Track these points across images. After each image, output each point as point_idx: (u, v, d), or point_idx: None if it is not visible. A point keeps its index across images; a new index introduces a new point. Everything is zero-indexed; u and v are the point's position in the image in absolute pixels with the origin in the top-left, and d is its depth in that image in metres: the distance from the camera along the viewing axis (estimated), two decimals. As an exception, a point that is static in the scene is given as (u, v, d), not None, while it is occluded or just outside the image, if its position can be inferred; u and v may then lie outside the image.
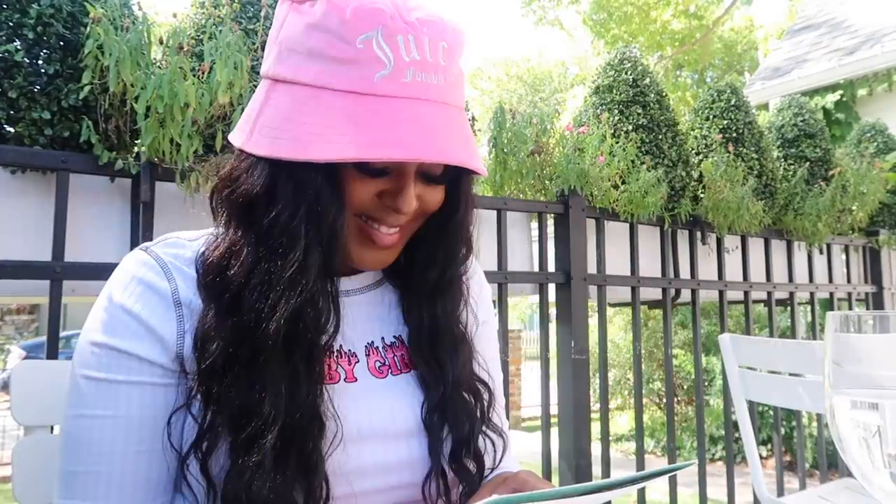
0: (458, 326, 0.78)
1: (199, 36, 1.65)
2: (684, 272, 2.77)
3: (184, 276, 0.68)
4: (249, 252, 0.64)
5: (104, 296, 0.68)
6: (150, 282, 0.67)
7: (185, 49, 1.51)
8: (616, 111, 2.57)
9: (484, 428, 0.77)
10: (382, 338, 0.76)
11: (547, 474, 2.13)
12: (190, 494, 0.65)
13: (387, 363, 0.75)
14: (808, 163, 3.28)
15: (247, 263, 0.64)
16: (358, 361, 0.73)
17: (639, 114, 2.56)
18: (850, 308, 3.57)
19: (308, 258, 0.63)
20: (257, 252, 0.64)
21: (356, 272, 0.78)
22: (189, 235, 0.73)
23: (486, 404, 0.78)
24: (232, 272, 0.64)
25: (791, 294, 3.17)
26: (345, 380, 0.71)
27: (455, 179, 0.72)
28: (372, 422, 0.70)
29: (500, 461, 0.79)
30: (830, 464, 3.49)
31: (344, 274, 0.76)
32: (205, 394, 0.64)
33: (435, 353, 0.75)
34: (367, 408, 0.70)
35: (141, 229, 1.54)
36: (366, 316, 0.77)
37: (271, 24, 0.71)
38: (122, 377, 0.64)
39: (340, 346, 0.72)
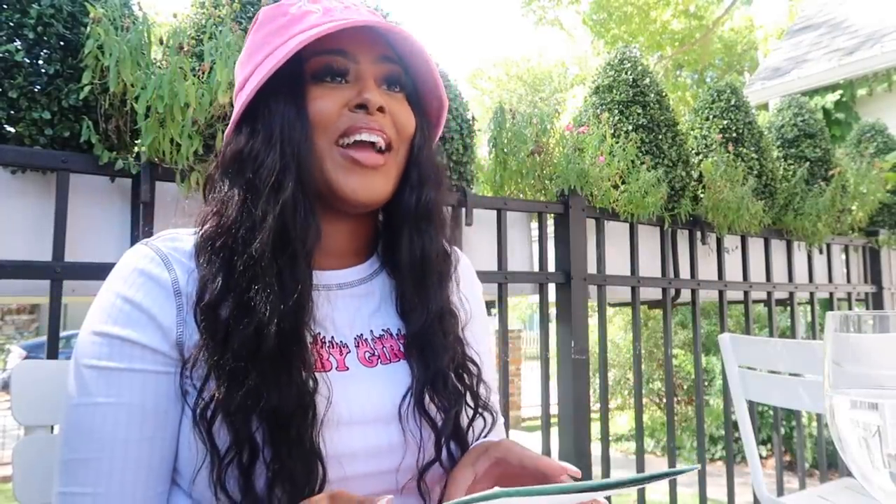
0: (445, 261, 0.82)
1: (199, 36, 1.65)
2: (684, 272, 2.77)
3: (183, 268, 0.70)
4: (239, 197, 0.69)
5: (105, 288, 0.70)
6: (150, 272, 0.69)
7: (185, 49, 1.51)
8: (616, 111, 2.57)
9: (473, 405, 0.78)
10: (371, 330, 0.78)
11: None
12: (207, 449, 0.65)
13: (376, 354, 0.77)
14: (807, 163, 3.28)
15: (237, 204, 0.69)
16: (349, 352, 0.75)
17: (639, 114, 2.56)
18: (850, 308, 3.57)
19: (285, 168, 0.69)
20: (245, 189, 0.69)
21: (348, 266, 0.80)
22: (187, 230, 0.75)
23: (475, 380, 0.79)
24: (222, 219, 0.69)
25: (791, 294, 3.17)
26: (337, 369, 0.73)
27: (416, 103, 0.80)
28: (363, 407, 0.72)
29: (486, 436, 0.81)
30: (830, 464, 3.49)
31: (337, 268, 0.79)
32: (209, 330, 0.65)
33: (423, 282, 0.79)
34: (356, 394, 0.72)
35: (141, 229, 1.53)
36: (357, 309, 0.79)
37: None
38: (123, 365, 0.66)
39: (332, 337, 0.75)
